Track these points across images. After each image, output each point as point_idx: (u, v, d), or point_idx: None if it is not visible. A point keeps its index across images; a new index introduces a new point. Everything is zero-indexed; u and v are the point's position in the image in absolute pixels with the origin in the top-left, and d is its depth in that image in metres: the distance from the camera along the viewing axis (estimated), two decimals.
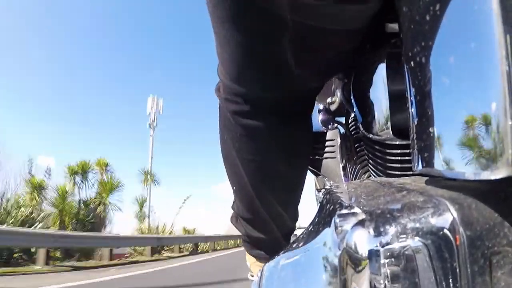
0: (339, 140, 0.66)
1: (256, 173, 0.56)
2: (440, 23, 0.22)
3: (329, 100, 0.69)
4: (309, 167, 0.74)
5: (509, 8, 0.17)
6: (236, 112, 0.50)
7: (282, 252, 0.37)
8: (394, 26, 0.41)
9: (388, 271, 0.19)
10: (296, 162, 0.59)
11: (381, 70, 0.40)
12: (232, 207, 0.73)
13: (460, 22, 0.20)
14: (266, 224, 0.64)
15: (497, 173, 0.17)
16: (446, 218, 0.19)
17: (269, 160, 0.55)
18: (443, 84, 0.23)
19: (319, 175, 0.75)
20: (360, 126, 0.48)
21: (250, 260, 0.78)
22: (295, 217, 0.69)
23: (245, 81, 0.47)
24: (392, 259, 0.19)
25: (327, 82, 0.62)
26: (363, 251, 0.20)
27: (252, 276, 0.52)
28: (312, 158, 0.71)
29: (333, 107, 0.69)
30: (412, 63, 0.26)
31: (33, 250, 6.94)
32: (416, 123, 0.27)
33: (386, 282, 0.19)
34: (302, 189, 0.65)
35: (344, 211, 0.23)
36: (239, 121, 0.51)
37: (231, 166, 0.60)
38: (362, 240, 0.21)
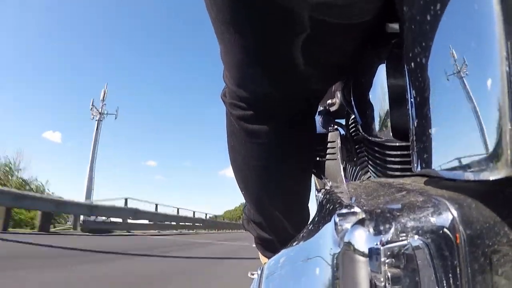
0: (339, 142, 0.66)
1: (263, 178, 0.57)
2: (441, 23, 0.22)
3: (329, 101, 0.69)
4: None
5: (509, 8, 0.17)
6: (241, 117, 0.50)
7: (282, 250, 0.37)
8: (395, 26, 0.41)
9: (388, 270, 0.19)
10: (302, 165, 0.59)
11: (381, 71, 0.40)
12: (244, 211, 0.73)
13: (461, 23, 0.20)
14: (277, 227, 0.65)
15: (496, 174, 0.17)
16: (446, 217, 0.20)
17: (275, 164, 0.55)
18: (442, 85, 0.23)
19: (320, 176, 0.75)
20: (360, 127, 0.49)
21: (264, 260, 0.78)
22: (306, 217, 0.69)
23: (250, 85, 0.47)
24: (393, 257, 0.19)
25: None
26: (363, 249, 0.20)
27: (253, 274, 0.52)
28: (313, 160, 0.71)
29: (333, 109, 0.69)
30: (412, 63, 0.26)
31: None
32: (415, 124, 0.27)
33: (387, 280, 0.19)
34: (309, 189, 0.65)
35: (344, 210, 0.23)
36: (244, 127, 0.51)
37: (239, 172, 0.60)
38: (362, 239, 0.21)
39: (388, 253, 0.19)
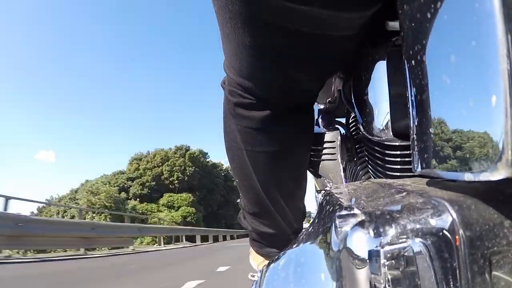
0: (339, 141, 0.66)
1: (259, 163, 0.57)
2: (441, 21, 0.22)
3: (329, 100, 0.69)
4: (310, 169, 0.74)
5: (510, 6, 0.17)
6: (238, 104, 0.52)
7: (283, 252, 0.37)
8: (394, 24, 0.41)
9: (388, 272, 0.19)
10: (298, 151, 0.59)
11: (382, 69, 0.40)
12: (239, 204, 0.73)
13: (461, 20, 0.20)
14: (274, 218, 0.64)
15: (497, 174, 0.17)
16: (446, 219, 0.20)
17: (271, 150, 0.56)
18: (443, 84, 0.23)
19: (320, 176, 0.74)
20: (360, 127, 0.48)
21: (257, 260, 0.77)
22: (302, 212, 0.69)
23: (247, 76, 0.49)
24: (392, 260, 0.19)
25: (327, 82, 0.62)
26: (363, 252, 0.20)
27: (253, 276, 0.52)
28: (312, 160, 0.71)
29: (333, 108, 0.69)
30: (412, 62, 0.26)
31: None
32: (416, 123, 0.27)
33: (386, 282, 0.19)
34: (305, 182, 0.65)
35: (344, 212, 0.23)
36: (241, 112, 0.53)
37: (234, 158, 0.60)
38: (362, 241, 0.21)
39: (388, 255, 0.19)
